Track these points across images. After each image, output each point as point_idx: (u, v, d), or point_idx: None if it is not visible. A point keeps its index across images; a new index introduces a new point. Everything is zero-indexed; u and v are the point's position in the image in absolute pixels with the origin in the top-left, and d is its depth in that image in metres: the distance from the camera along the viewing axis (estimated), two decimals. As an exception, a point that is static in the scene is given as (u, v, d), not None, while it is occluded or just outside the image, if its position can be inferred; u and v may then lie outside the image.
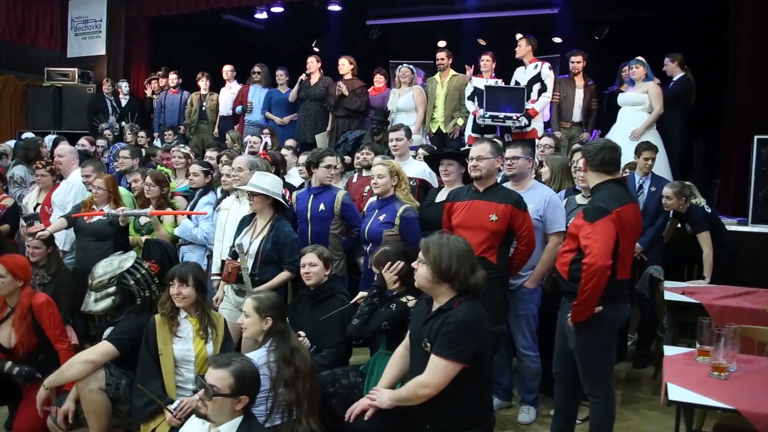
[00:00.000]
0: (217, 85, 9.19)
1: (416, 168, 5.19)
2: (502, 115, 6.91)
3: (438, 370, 2.74)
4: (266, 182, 4.09)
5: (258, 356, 3.09)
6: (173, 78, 9.30)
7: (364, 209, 4.69)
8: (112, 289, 3.60)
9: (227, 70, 8.98)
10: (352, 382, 3.53)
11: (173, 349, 3.41)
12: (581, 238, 3.25)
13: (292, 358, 3.11)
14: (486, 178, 3.89)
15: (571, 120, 7.05)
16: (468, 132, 7.32)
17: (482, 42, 10.73)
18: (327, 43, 11.37)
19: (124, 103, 9.63)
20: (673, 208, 5.26)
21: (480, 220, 3.81)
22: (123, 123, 9.48)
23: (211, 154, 6.14)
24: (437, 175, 4.90)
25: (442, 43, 11.19)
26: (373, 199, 4.62)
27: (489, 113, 6.93)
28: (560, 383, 3.63)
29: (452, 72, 7.51)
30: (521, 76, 7.20)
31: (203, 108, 9.02)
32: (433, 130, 7.49)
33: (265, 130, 7.86)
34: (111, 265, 3.66)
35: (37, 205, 5.72)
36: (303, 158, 6.75)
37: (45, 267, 4.86)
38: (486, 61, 7.34)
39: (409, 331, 3.12)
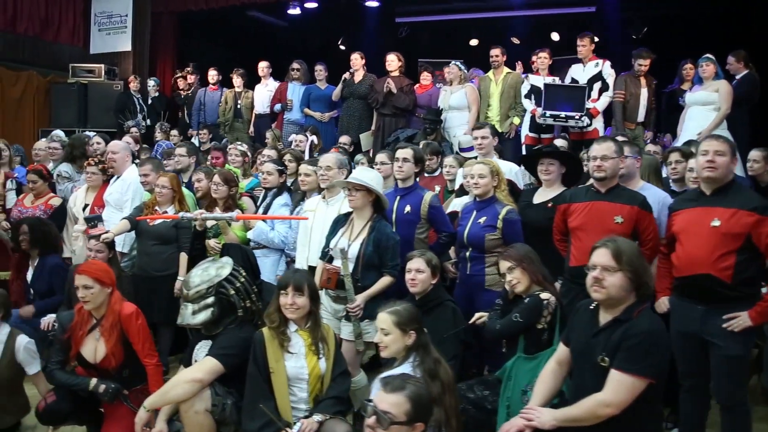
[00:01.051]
0: (247, 82, 8.86)
1: (503, 168, 4.88)
2: (563, 114, 6.66)
3: (623, 388, 2.46)
4: (370, 177, 3.79)
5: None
6: (213, 74, 8.94)
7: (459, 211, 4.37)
8: (210, 300, 3.26)
9: (263, 66, 8.64)
10: (480, 396, 3.23)
11: (285, 367, 3.10)
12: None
13: (437, 372, 2.81)
14: (609, 179, 3.62)
15: (636, 120, 6.76)
16: (525, 131, 7.06)
17: (515, 40, 10.49)
18: (353, 41, 11.09)
19: (151, 100, 9.30)
20: (757, 174, 5.01)
21: (603, 223, 3.58)
22: (149, 121, 9.16)
23: (269, 152, 5.81)
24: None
25: (474, 42, 11.00)
26: (466, 200, 4.32)
27: (549, 112, 6.68)
28: (693, 395, 3.38)
29: (506, 69, 7.24)
30: (580, 74, 6.92)
31: (238, 106, 8.68)
32: (488, 129, 7.18)
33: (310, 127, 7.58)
34: (207, 274, 3.32)
35: (86, 205, 5.38)
36: (360, 157, 6.52)
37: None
38: (543, 59, 7.08)
39: (563, 344, 2.83)
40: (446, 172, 5.35)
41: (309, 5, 9.69)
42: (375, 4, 9.65)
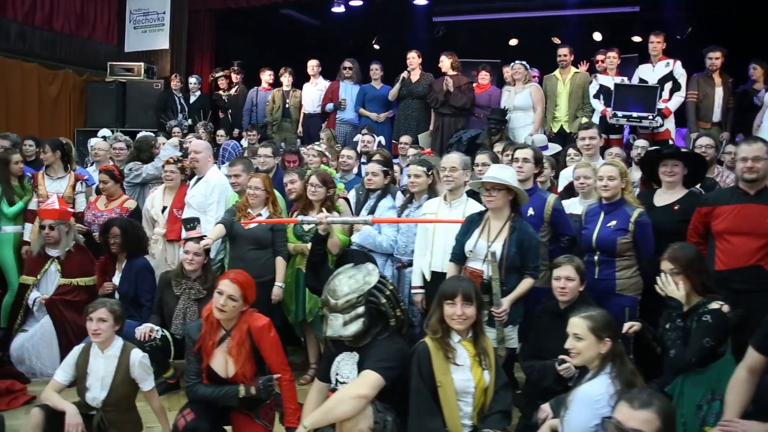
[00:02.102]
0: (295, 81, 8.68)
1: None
2: (635, 114, 6.55)
3: None
4: (509, 176, 3.63)
5: (604, 386, 2.63)
6: (268, 74, 8.75)
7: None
8: (361, 309, 3.08)
9: (313, 65, 8.46)
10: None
11: (453, 380, 2.93)
12: None
13: (635, 384, 2.66)
14: (760, 180, 3.49)
15: (711, 120, 6.63)
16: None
17: (556, 40, 10.35)
18: (388, 41, 10.93)
19: (192, 99, 9.07)
20: None
21: (756, 226, 3.50)
22: (190, 121, 8.94)
23: (349, 152, 5.64)
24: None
25: (513, 41, 10.86)
26: (591, 202, 4.17)
27: (621, 113, 6.56)
28: None
29: (574, 69, 7.11)
30: (649, 74, 6.80)
31: (287, 105, 8.49)
32: (555, 129, 7.09)
33: (364, 129, 7.40)
34: (356, 282, 3.14)
35: (164, 207, 5.19)
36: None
37: (200, 279, 4.36)
38: (612, 58, 6.96)
39: (756, 351, 2.66)
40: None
41: (354, 3, 9.47)
42: (424, 2, 9.46)
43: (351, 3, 9.55)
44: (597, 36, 10.19)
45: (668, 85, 6.65)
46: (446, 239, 3.92)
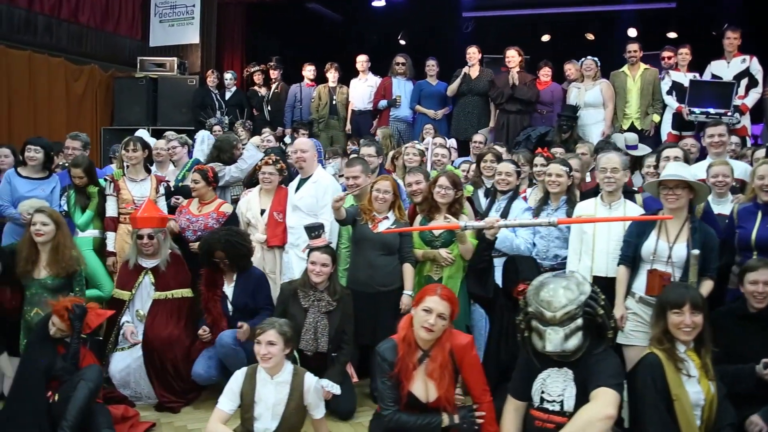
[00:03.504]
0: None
1: (738, 168, 4.62)
2: (712, 111, 6.45)
3: None
4: (691, 174, 3.46)
5: None
6: (311, 70, 8.43)
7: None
8: (580, 322, 2.87)
9: (362, 60, 8.20)
10: None
11: (687, 392, 2.75)
12: None
13: None
14: None
15: (789, 116, 6.60)
16: (667, 128, 6.82)
17: (590, 36, 10.29)
18: (414, 36, 10.69)
19: (228, 96, 8.70)
20: None
21: None
22: (227, 118, 8.58)
23: (444, 151, 5.41)
24: None
25: (545, 38, 10.74)
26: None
27: (700, 109, 6.46)
28: None
29: (643, 66, 6.98)
30: (723, 71, 6.71)
31: (333, 102, 8.20)
32: (625, 126, 6.95)
33: (428, 126, 7.18)
34: (572, 292, 2.91)
35: (262, 211, 4.88)
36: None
37: (328, 290, 4.08)
38: (684, 54, 6.86)
39: None
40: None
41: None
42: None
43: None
44: (632, 32, 10.12)
45: (744, 81, 6.58)
46: (608, 242, 3.76)
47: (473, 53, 7.57)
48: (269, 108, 8.73)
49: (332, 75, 8.24)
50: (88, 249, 4.79)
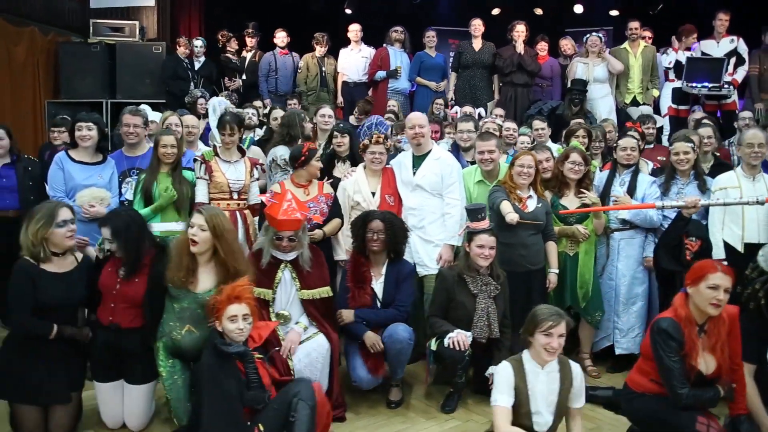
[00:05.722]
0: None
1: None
2: (710, 85, 6.98)
3: None
4: None
5: None
6: (282, 37, 7.89)
7: None
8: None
9: (356, 30, 7.87)
10: None
11: None
12: None
13: None
14: None
15: (773, 91, 7.26)
16: (667, 103, 7.27)
17: (538, 11, 10.56)
18: (360, 6, 10.40)
19: (197, 66, 7.95)
20: None
21: None
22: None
23: (512, 125, 5.37)
24: None
25: (495, 11, 10.86)
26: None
27: (696, 83, 6.96)
28: None
29: (643, 43, 7.34)
30: (713, 50, 7.24)
31: (323, 73, 7.80)
32: (627, 101, 7.30)
33: (439, 101, 7.10)
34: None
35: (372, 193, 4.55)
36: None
37: (492, 274, 3.95)
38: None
39: None
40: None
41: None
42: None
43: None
44: (578, 8, 10.55)
45: (733, 60, 7.15)
46: (756, 209, 3.95)
47: (477, 25, 7.52)
48: (244, 78, 8.11)
49: (320, 45, 7.82)
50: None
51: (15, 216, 4.95)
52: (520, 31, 7.43)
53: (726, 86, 6.93)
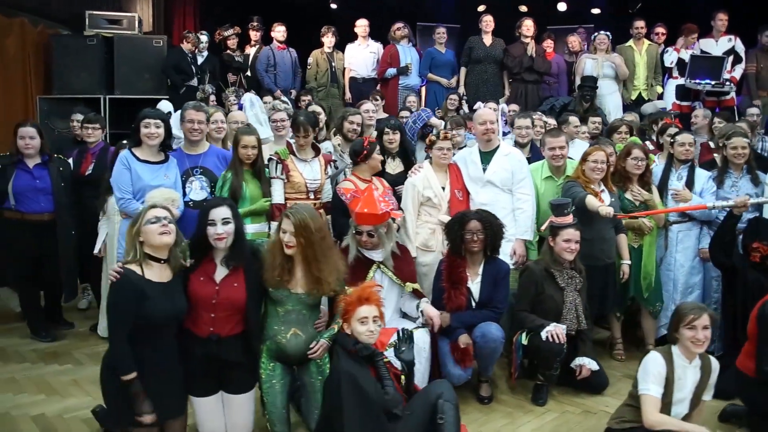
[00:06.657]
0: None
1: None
2: (712, 82, 7.28)
3: None
4: None
5: None
6: (281, 31, 7.74)
7: None
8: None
9: (363, 25, 7.80)
10: None
11: None
12: None
13: None
14: None
15: (768, 89, 7.61)
16: (671, 99, 7.53)
17: (524, 8, 10.72)
18: (346, 2, 10.33)
19: (200, 61, 7.72)
20: None
21: None
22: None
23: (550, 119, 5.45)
24: None
25: (481, 7, 10.95)
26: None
27: (699, 80, 7.25)
28: None
29: (647, 41, 7.57)
30: (712, 48, 7.55)
31: (333, 69, 7.71)
32: (633, 97, 7.53)
33: (453, 97, 7.13)
34: None
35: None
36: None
37: (574, 267, 4.04)
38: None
39: None
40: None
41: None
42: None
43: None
44: (561, 6, 10.77)
45: (730, 58, 7.46)
46: None
47: (488, 21, 7.59)
48: (248, 74, 7.94)
49: (328, 40, 7.74)
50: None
51: (50, 219, 4.76)
52: (528, 26, 7.53)
53: (727, 83, 7.25)
